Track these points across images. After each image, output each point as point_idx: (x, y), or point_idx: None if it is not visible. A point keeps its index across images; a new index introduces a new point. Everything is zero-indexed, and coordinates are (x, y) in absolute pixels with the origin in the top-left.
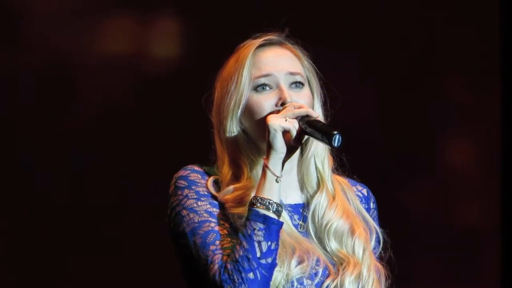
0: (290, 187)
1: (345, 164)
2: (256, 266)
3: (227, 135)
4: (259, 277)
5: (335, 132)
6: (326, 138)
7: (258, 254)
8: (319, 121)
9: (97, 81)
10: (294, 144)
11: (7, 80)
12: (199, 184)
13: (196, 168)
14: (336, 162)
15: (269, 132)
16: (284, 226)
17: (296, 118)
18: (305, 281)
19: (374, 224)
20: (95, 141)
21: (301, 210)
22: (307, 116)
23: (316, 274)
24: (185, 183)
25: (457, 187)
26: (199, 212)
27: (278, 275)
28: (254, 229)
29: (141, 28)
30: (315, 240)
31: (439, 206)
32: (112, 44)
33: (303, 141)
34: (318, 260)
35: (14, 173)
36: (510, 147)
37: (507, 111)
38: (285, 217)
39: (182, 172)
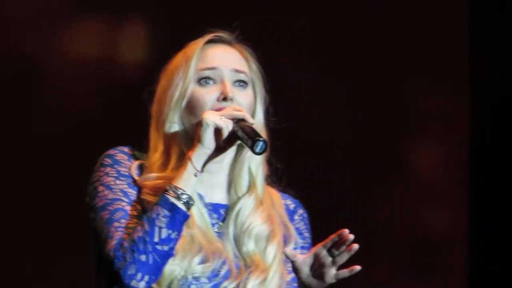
0: (215, 187)
1: (279, 174)
2: (150, 250)
3: (166, 125)
4: (150, 261)
5: (260, 139)
6: (251, 143)
7: (156, 239)
8: (250, 127)
9: (65, 85)
10: (224, 144)
11: None
12: (122, 165)
13: (126, 150)
14: (271, 171)
15: (201, 125)
16: (200, 223)
17: (232, 119)
18: (202, 279)
19: (294, 233)
20: (63, 145)
21: (221, 211)
22: (243, 120)
23: (216, 275)
24: (110, 161)
25: (424, 193)
26: (114, 190)
27: (176, 269)
28: (159, 214)
29: (110, 32)
30: (231, 241)
31: (406, 213)
32: (81, 48)
33: (233, 145)
34: (224, 263)
35: None
36: (478, 153)
37: (475, 117)
38: (204, 215)
39: (110, 151)
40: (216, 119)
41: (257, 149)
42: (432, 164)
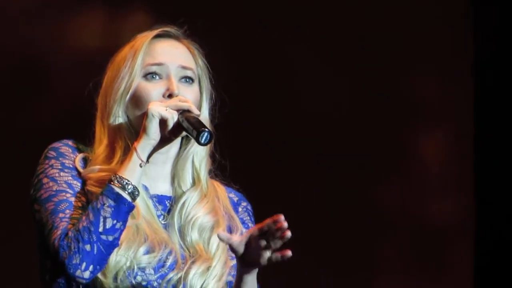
0: (160, 179)
1: (225, 167)
2: (95, 240)
3: (111, 118)
4: (95, 251)
5: (205, 129)
6: (196, 133)
7: (101, 229)
8: (196, 118)
9: (67, 77)
10: (169, 135)
11: None
12: (66, 157)
13: (70, 143)
14: (214, 165)
15: (147, 116)
16: (145, 214)
17: (177, 110)
18: (147, 270)
19: (238, 222)
20: (69, 137)
21: (167, 202)
22: (188, 111)
23: (162, 266)
24: (54, 154)
25: (429, 184)
26: (58, 182)
27: (122, 259)
28: (104, 204)
29: (111, 23)
30: (176, 233)
31: (411, 203)
32: (86, 39)
33: (178, 136)
34: (170, 253)
35: None
36: (482, 143)
37: (479, 106)
38: (149, 205)
39: (55, 144)
40: (161, 110)
41: (202, 140)
42: (437, 154)
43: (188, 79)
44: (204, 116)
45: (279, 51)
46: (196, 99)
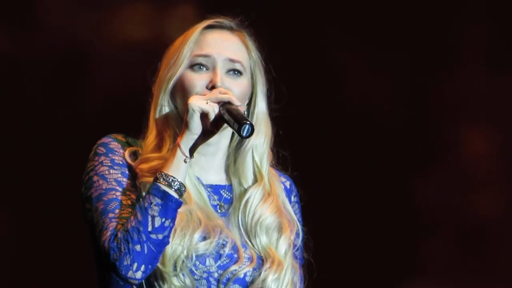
0: (212, 169)
1: (286, 158)
2: (145, 240)
3: (159, 107)
4: (146, 251)
5: (246, 122)
6: (237, 126)
7: (150, 228)
8: (237, 110)
9: (113, 69)
10: (211, 128)
11: (23, 64)
12: (116, 153)
13: (119, 137)
14: (275, 158)
15: (187, 111)
16: (199, 202)
17: (218, 103)
18: (208, 261)
19: (296, 220)
20: (111, 128)
21: (222, 192)
22: (229, 103)
23: (220, 255)
24: (104, 150)
25: (473, 177)
26: (108, 180)
27: (178, 248)
28: (151, 203)
29: (158, 15)
30: (239, 228)
31: (454, 196)
32: (129, 32)
33: (221, 128)
34: (226, 240)
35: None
36: None
37: None
38: (202, 193)
39: (104, 139)
40: (201, 104)
41: (244, 133)
42: (481, 147)
43: (236, 72)
44: (260, 109)
45: (323, 48)
46: (242, 92)
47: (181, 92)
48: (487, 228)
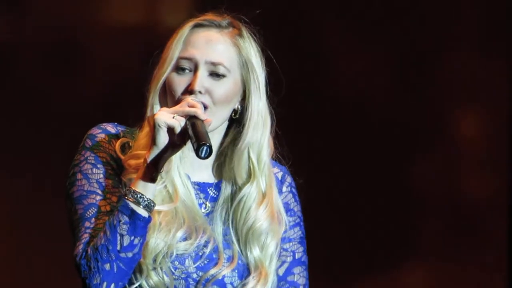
0: (201, 166)
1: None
2: (114, 258)
3: (149, 106)
4: (115, 270)
5: (205, 144)
6: (196, 145)
7: (118, 247)
8: (202, 126)
9: (105, 53)
10: (179, 141)
11: (15, 48)
12: (101, 148)
13: (109, 127)
14: (275, 155)
15: (154, 126)
16: (186, 200)
17: (184, 116)
18: (187, 262)
19: (285, 216)
20: (106, 113)
21: (208, 190)
22: (195, 117)
23: (200, 256)
24: (90, 143)
25: (466, 160)
26: (90, 181)
27: (160, 244)
28: (120, 221)
29: None
30: (221, 225)
31: (447, 180)
32: (122, 15)
33: (187, 141)
34: (208, 241)
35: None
36: None
37: None
38: (190, 191)
39: (93, 130)
40: (167, 119)
41: (201, 154)
42: (474, 131)
43: (217, 75)
44: (257, 107)
45: (317, 30)
46: (225, 94)
47: (168, 93)
48: (480, 210)
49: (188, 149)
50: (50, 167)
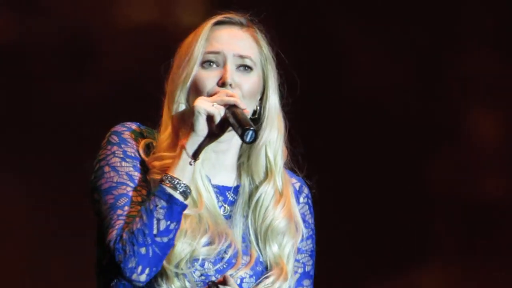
0: (223, 168)
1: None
2: (150, 243)
3: (174, 105)
4: (150, 254)
5: (250, 128)
6: (241, 131)
7: (155, 231)
8: (243, 114)
9: (119, 49)
10: (217, 131)
11: (29, 46)
12: (129, 144)
13: (134, 127)
14: (290, 155)
15: (193, 113)
16: (208, 204)
17: (224, 105)
18: (206, 264)
19: (302, 224)
20: (117, 112)
21: (227, 194)
22: (234, 106)
23: (221, 260)
24: (117, 139)
25: (481, 160)
26: (120, 173)
27: (186, 248)
28: (157, 205)
29: None
30: (240, 228)
31: (463, 180)
32: (136, 14)
33: (226, 131)
34: (229, 246)
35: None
36: None
37: None
38: (212, 196)
39: (118, 128)
40: (207, 106)
41: (247, 139)
42: (490, 131)
43: (246, 68)
44: (272, 104)
45: (332, 31)
46: (253, 87)
47: (195, 91)
48: (495, 210)
49: (211, 150)
50: (64, 165)
